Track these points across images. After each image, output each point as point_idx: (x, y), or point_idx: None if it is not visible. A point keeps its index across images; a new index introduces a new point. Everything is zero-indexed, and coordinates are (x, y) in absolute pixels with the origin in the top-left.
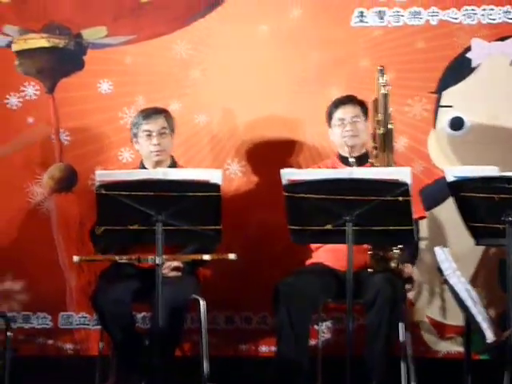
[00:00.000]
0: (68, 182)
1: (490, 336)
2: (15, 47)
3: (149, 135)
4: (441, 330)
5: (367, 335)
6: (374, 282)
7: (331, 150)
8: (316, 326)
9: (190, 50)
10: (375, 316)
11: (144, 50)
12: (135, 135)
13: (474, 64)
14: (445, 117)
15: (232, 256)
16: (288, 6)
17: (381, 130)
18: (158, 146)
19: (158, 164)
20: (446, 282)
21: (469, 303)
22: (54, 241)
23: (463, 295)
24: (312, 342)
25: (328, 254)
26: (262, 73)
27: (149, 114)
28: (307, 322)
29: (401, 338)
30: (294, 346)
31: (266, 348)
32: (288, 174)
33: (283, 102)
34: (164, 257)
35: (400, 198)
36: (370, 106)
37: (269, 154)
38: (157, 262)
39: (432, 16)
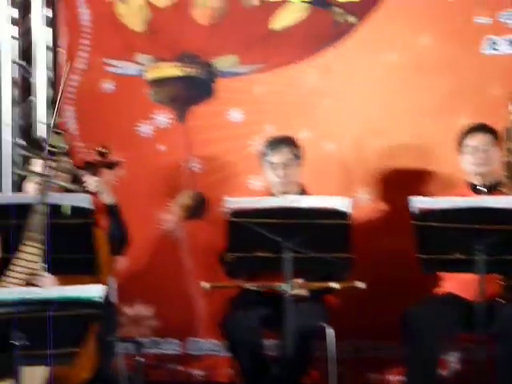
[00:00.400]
0: (198, 209)
1: None
2: (148, 76)
3: (273, 167)
4: None
5: (497, 367)
6: (504, 313)
7: (461, 179)
8: (445, 356)
9: (319, 78)
10: (505, 347)
11: (274, 79)
12: (262, 164)
13: None
14: None
15: (360, 284)
16: (417, 34)
17: None
18: (283, 177)
19: (284, 194)
20: None
21: None
22: (184, 267)
23: None
24: (441, 373)
25: (457, 283)
26: (391, 100)
27: (274, 145)
28: (436, 351)
29: None
30: (423, 376)
31: (395, 377)
32: (417, 202)
33: (412, 129)
34: (292, 284)
35: None
36: (502, 135)
37: (397, 182)
38: (285, 289)
39: None
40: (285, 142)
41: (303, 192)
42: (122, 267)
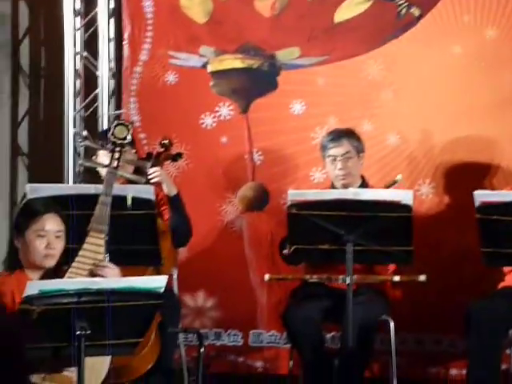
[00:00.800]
0: (260, 201)
1: None
2: (210, 68)
3: (334, 160)
4: None
5: None
6: None
7: None
8: (508, 351)
9: (382, 70)
10: None
11: (336, 71)
12: (323, 157)
13: None
14: None
15: (422, 277)
16: (483, 27)
17: None
18: (343, 170)
19: (345, 187)
20: None
21: None
22: (246, 259)
23: None
24: (504, 367)
25: None
26: (455, 94)
27: (334, 137)
28: (499, 346)
29: None
30: (486, 371)
31: (457, 371)
32: (481, 196)
33: (476, 122)
34: (354, 277)
35: None
36: None
37: (462, 175)
38: (347, 281)
39: None
40: (345, 134)
41: (365, 184)
42: (184, 258)
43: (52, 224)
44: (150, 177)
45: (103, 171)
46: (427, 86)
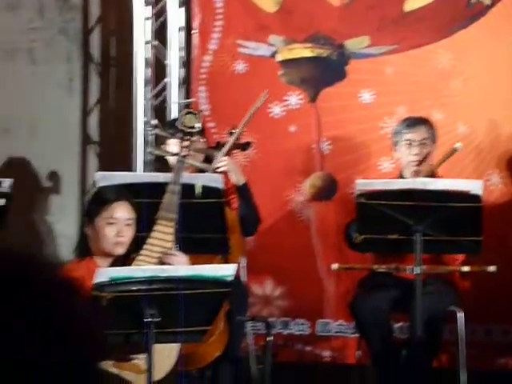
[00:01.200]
0: (328, 190)
1: None
2: (279, 57)
3: (409, 144)
4: None
5: None
6: None
7: None
8: None
9: (452, 60)
10: None
11: (406, 60)
12: (396, 144)
13: None
14: None
15: (492, 268)
16: None
17: None
18: (418, 155)
19: (416, 174)
20: None
21: None
22: (314, 248)
23: None
24: None
25: None
26: None
27: (412, 123)
28: None
29: None
30: None
31: None
32: None
33: None
34: (423, 267)
35: None
36: None
37: None
38: (415, 272)
39: None
40: (422, 121)
41: (434, 174)
42: (252, 247)
43: (122, 212)
44: (218, 165)
45: (172, 160)
46: (496, 75)
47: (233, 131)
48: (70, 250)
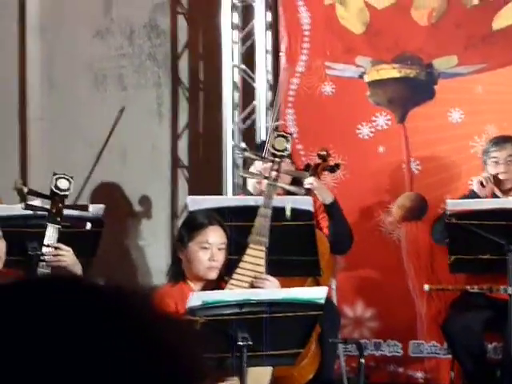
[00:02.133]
0: (418, 210)
1: None
2: (367, 78)
3: (496, 162)
4: None
5: None
6: None
7: None
8: None
9: None
10: None
11: (494, 79)
12: (484, 162)
13: None
14: None
15: None
16: None
17: None
18: (506, 174)
19: (503, 192)
20: None
21: None
22: (405, 269)
23: None
24: None
25: None
26: None
27: (498, 141)
28: None
29: None
30: None
31: None
32: None
33: None
34: None
35: None
36: None
37: None
38: (509, 292)
39: None
40: (509, 139)
41: None
42: (342, 268)
43: (216, 236)
44: (307, 187)
45: (251, 184)
46: None
47: (322, 153)
48: (161, 273)
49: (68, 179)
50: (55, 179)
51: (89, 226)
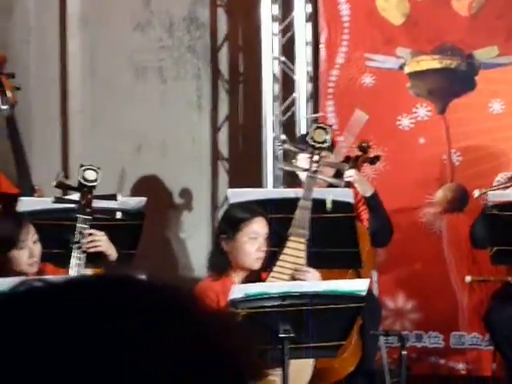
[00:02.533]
0: (459, 202)
1: None
2: (407, 69)
3: None
4: None
5: None
6: None
7: None
8: None
9: None
10: None
11: None
12: None
13: None
14: None
15: None
16: None
17: None
18: None
19: None
20: None
21: None
22: (446, 260)
23: None
24: None
25: None
26: None
27: None
28: None
29: None
30: None
31: None
32: None
33: None
34: None
35: None
36: None
37: None
38: None
39: None
40: None
41: None
42: (383, 260)
43: (262, 227)
44: (348, 179)
45: (302, 175)
46: None
47: (362, 145)
48: (202, 265)
49: (95, 170)
50: (82, 171)
51: (119, 215)
